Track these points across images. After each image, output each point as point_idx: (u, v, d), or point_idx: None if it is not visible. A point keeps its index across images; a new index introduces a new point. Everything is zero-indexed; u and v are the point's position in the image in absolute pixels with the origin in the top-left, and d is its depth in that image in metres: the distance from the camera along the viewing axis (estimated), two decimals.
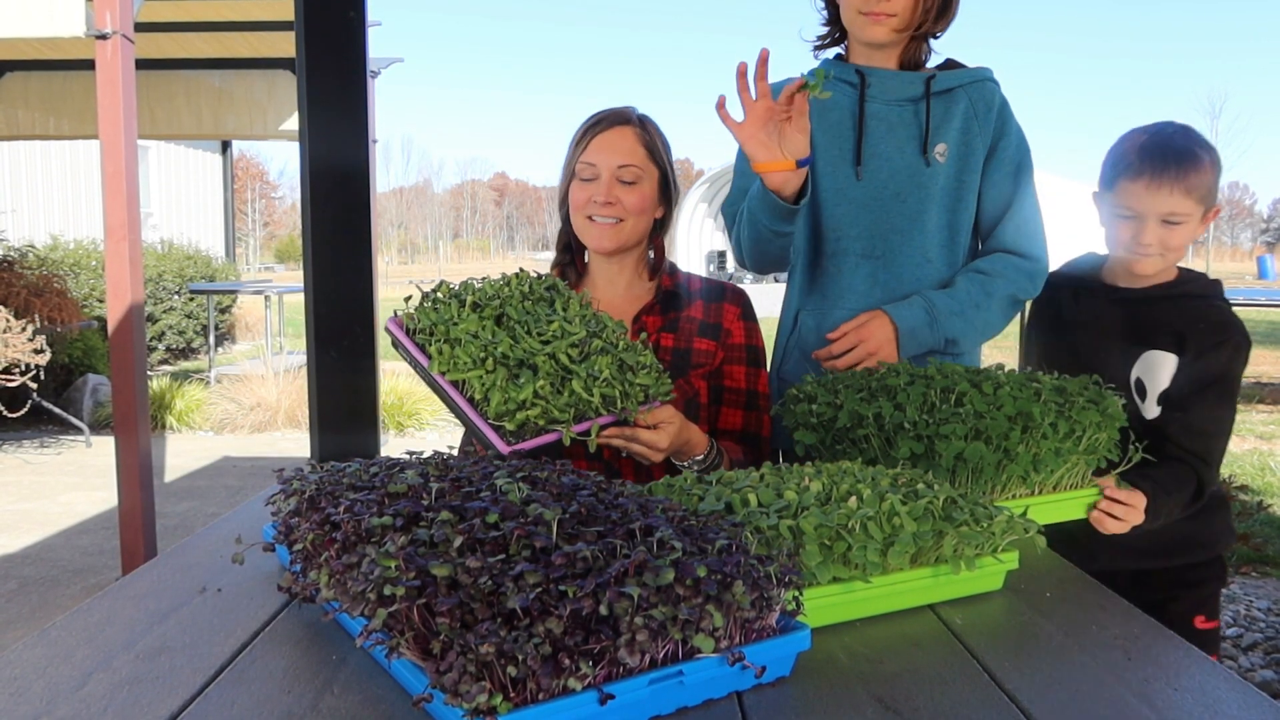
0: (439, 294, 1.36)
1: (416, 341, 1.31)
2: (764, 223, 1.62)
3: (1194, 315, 1.59)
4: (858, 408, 1.35)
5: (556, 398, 1.26)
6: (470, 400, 1.25)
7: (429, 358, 1.28)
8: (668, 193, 1.63)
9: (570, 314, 1.38)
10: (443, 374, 1.27)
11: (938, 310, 1.66)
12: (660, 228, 1.66)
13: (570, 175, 1.60)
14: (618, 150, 1.55)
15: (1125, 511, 1.40)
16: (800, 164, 1.51)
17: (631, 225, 1.58)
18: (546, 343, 1.30)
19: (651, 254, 1.68)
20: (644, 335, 1.51)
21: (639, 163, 1.56)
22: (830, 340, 1.67)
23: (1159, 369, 1.58)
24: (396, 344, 1.33)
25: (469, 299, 1.34)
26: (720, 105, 1.48)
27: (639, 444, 1.36)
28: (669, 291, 1.65)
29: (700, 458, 1.47)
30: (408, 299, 1.36)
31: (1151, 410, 1.58)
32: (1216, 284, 1.64)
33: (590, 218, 1.57)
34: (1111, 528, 1.41)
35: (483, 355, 1.26)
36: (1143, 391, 1.59)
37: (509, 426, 1.23)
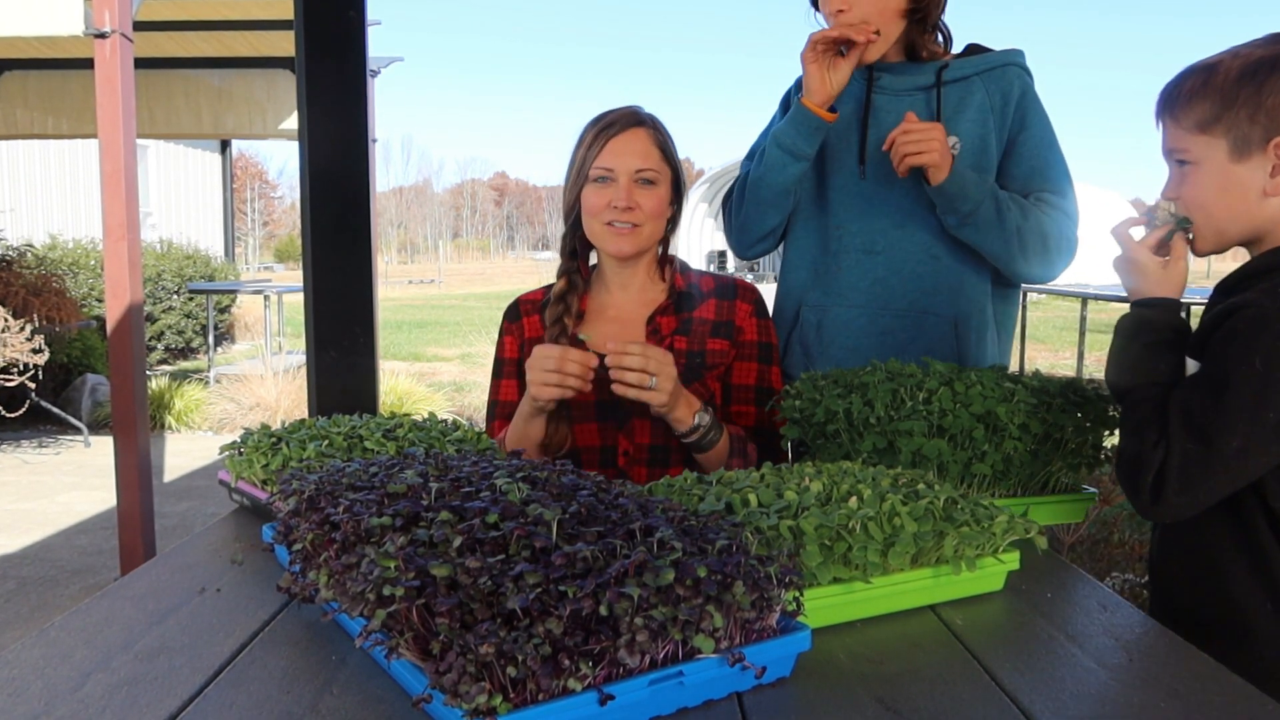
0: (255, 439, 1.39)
1: (248, 480, 1.36)
2: (789, 142, 1.66)
3: (1227, 307, 1.11)
4: (831, 404, 1.36)
5: (344, 453, 1.30)
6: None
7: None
8: (679, 192, 1.62)
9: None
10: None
11: (986, 181, 1.62)
12: (670, 228, 1.64)
13: (582, 179, 1.56)
14: (634, 153, 1.53)
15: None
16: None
17: (649, 229, 1.56)
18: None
19: (661, 253, 1.66)
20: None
21: (655, 165, 1.55)
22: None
23: None
24: (232, 491, 1.41)
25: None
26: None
27: (636, 360, 1.38)
28: (682, 292, 1.63)
29: (699, 420, 1.47)
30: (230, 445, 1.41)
31: None
32: None
33: (609, 223, 1.55)
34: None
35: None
36: None
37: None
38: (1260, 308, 1.06)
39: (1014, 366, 1.56)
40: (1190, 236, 1.20)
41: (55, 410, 6.16)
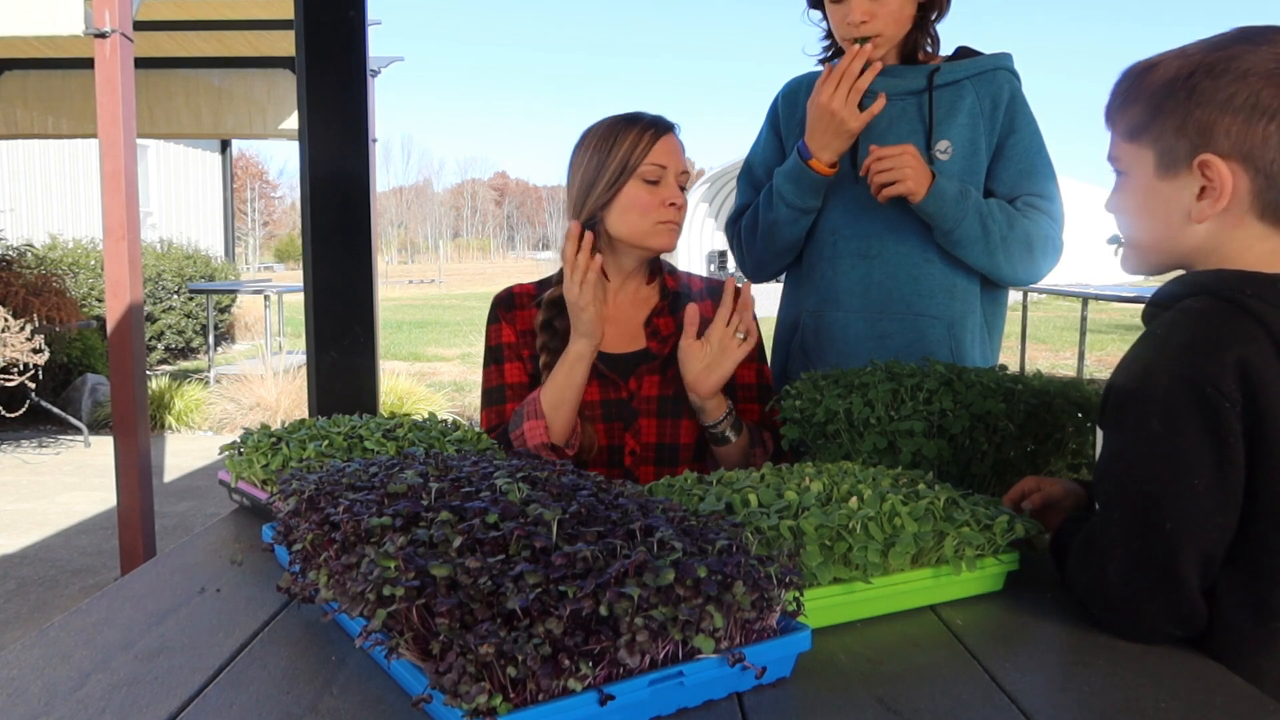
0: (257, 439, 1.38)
1: (248, 480, 1.35)
2: (797, 201, 1.70)
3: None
4: (831, 404, 1.36)
5: (344, 453, 1.30)
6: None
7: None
8: None
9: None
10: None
11: (969, 196, 1.63)
12: None
13: (627, 176, 1.52)
14: (677, 155, 1.57)
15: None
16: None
17: (680, 229, 1.60)
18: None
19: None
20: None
21: (687, 169, 1.61)
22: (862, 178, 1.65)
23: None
24: (232, 491, 1.40)
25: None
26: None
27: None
28: (675, 293, 1.65)
29: (724, 417, 1.53)
30: (229, 446, 1.40)
31: None
32: (1220, 278, 0.95)
33: (661, 221, 1.54)
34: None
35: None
36: None
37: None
38: (1142, 362, 0.92)
39: (1014, 366, 1.56)
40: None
41: (55, 410, 6.16)
